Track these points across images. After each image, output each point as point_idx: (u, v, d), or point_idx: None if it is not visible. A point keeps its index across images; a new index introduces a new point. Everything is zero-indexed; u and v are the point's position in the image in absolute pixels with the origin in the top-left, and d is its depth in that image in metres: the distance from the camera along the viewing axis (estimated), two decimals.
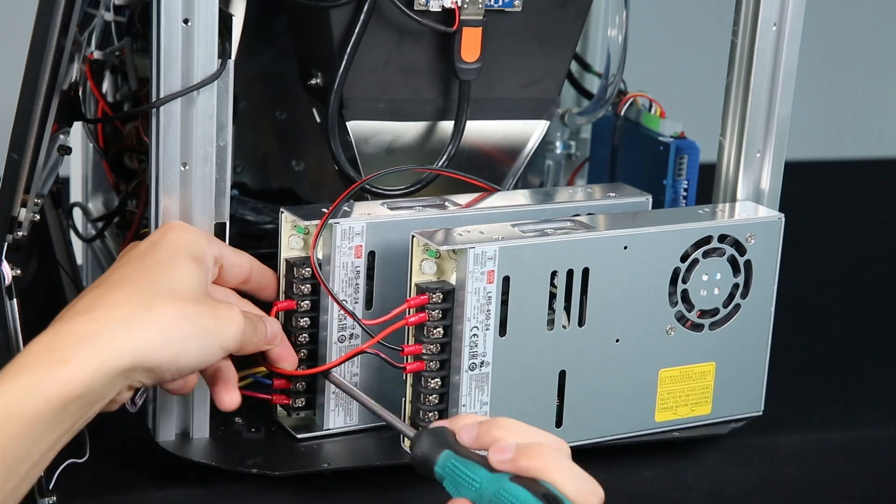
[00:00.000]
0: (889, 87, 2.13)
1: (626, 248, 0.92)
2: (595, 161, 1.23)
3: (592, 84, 1.25)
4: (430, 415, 0.89)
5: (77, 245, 1.21)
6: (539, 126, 1.05)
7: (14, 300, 0.84)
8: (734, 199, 1.03)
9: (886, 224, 1.60)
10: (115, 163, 1.13)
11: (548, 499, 0.72)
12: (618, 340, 0.94)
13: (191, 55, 0.86)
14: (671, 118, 1.10)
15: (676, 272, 0.95)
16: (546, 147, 1.25)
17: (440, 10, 0.96)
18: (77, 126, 1.15)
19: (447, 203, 0.96)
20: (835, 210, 1.65)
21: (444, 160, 1.00)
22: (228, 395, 0.88)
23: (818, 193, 1.68)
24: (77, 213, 1.22)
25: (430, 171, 0.99)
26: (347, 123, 0.98)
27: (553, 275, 0.90)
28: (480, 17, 0.97)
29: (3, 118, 0.92)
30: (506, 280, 0.88)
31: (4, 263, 0.84)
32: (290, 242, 0.93)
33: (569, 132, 1.25)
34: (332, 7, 0.94)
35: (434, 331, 0.88)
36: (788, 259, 1.00)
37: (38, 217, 0.91)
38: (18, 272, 0.85)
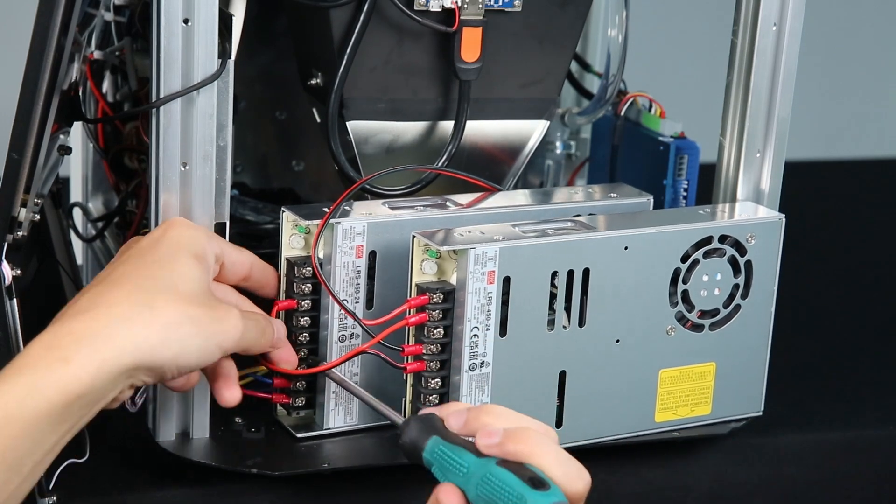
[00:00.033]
0: (889, 87, 2.13)
1: (627, 249, 0.92)
2: (595, 161, 1.23)
3: (592, 84, 1.25)
4: None
5: (77, 245, 1.21)
6: (539, 126, 1.05)
7: (14, 300, 0.84)
8: (734, 199, 1.03)
9: (886, 224, 1.60)
10: (115, 163, 1.13)
11: (534, 482, 0.72)
12: (618, 341, 0.94)
13: (191, 55, 0.86)
14: (671, 118, 1.10)
15: (677, 272, 0.95)
16: (546, 147, 1.25)
17: (440, 10, 0.96)
18: (77, 126, 1.15)
19: (448, 203, 0.96)
20: (835, 210, 1.65)
21: (445, 160, 1.00)
22: (229, 392, 0.88)
23: (818, 193, 1.67)
24: (77, 213, 1.22)
25: (431, 171, 0.99)
26: (347, 123, 0.98)
27: (553, 275, 0.90)
28: (480, 17, 0.97)
29: (3, 118, 0.92)
30: (506, 280, 0.88)
31: (4, 263, 0.84)
32: (291, 242, 0.93)
33: (569, 132, 1.25)
34: (332, 7, 0.94)
35: (434, 331, 0.88)
36: (788, 259, 1.00)
37: (38, 217, 0.91)
38: (18, 272, 0.85)
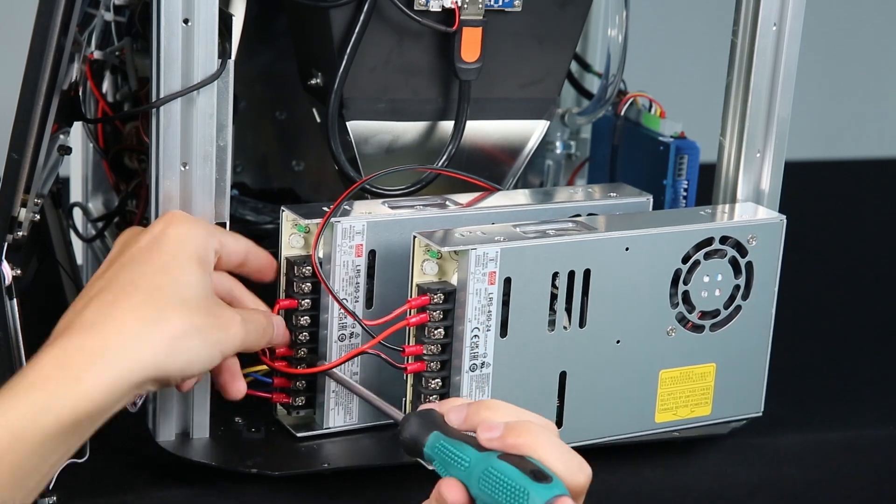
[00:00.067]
0: (889, 87, 2.13)
1: (628, 250, 0.92)
2: (595, 161, 1.23)
3: (592, 84, 1.25)
4: None
5: (77, 245, 1.21)
6: (539, 126, 1.05)
7: (14, 300, 0.84)
8: (734, 199, 1.03)
9: (886, 224, 1.60)
10: (115, 163, 1.13)
11: (535, 475, 0.72)
12: (618, 341, 0.94)
13: (191, 55, 0.86)
14: (671, 118, 1.10)
15: (677, 273, 0.95)
16: (546, 147, 1.25)
17: (440, 10, 0.95)
18: (77, 126, 1.15)
19: (448, 203, 0.96)
20: (835, 210, 1.65)
21: (445, 160, 1.00)
22: (235, 385, 0.89)
23: (818, 193, 1.67)
24: (77, 213, 1.22)
25: (431, 171, 0.99)
26: (347, 123, 0.98)
27: (554, 276, 0.90)
28: (480, 17, 0.97)
29: (3, 118, 0.92)
30: (507, 281, 0.88)
31: (4, 263, 0.84)
32: (291, 241, 0.93)
33: (569, 132, 1.25)
34: (332, 7, 0.94)
35: (435, 331, 0.88)
36: (788, 259, 1.00)
37: (38, 217, 0.91)
38: (18, 272, 0.85)
